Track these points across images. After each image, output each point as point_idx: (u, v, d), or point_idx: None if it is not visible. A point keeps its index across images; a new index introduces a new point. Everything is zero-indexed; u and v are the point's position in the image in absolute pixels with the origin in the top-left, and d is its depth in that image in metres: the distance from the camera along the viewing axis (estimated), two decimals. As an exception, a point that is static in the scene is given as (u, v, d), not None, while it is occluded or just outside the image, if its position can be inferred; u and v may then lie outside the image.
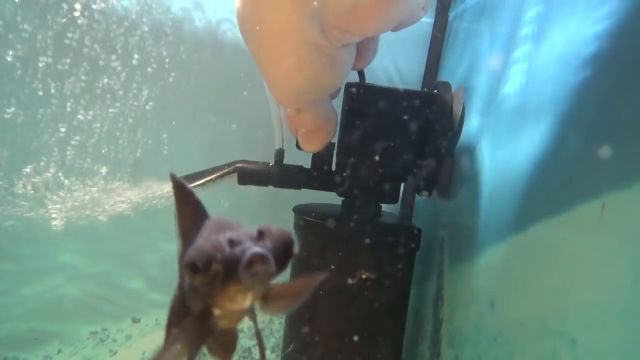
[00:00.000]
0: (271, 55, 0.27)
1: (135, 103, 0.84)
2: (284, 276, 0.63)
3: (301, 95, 0.31)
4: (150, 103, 0.84)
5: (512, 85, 0.41)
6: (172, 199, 0.26)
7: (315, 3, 0.23)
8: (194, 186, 0.52)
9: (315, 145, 0.46)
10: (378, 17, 0.24)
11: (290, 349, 0.58)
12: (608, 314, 0.22)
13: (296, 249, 0.22)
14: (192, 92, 0.85)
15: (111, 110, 0.83)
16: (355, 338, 0.54)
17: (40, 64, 0.75)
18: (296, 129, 0.45)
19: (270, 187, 0.56)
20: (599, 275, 0.23)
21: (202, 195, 0.25)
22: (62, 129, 0.82)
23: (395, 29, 0.34)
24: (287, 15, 0.23)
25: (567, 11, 0.33)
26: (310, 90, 0.30)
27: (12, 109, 0.80)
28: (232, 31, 0.82)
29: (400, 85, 0.85)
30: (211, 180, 0.53)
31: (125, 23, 0.80)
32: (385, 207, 0.58)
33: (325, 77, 0.28)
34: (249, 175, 0.54)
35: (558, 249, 0.27)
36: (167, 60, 0.83)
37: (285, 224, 0.61)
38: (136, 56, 0.82)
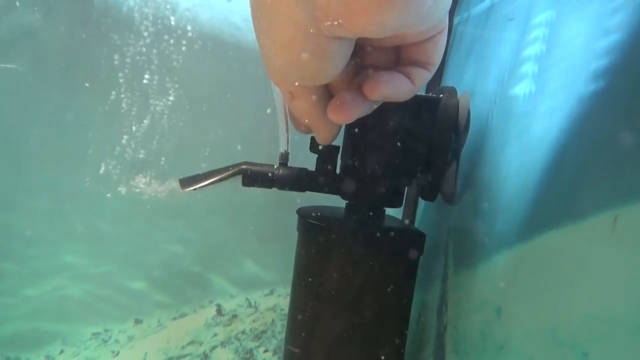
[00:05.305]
0: (263, 28, 0.27)
1: (135, 106, 0.84)
2: (288, 276, 0.63)
3: (290, 75, 0.31)
4: (154, 103, 0.84)
5: (519, 90, 0.40)
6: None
7: None
8: (199, 187, 0.52)
9: (320, 140, 0.44)
10: (370, 16, 0.24)
11: (292, 353, 0.58)
12: (621, 329, 0.22)
13: None
14: (196, 94, 0.85)
15: (111, 108, 0.83)
16: (357, 343, 0.54)
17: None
18: (298, 123, 0.43)
19: (274, 189, 0.56)
20: (611, 289, 0.23)
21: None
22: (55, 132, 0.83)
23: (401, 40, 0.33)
24: None
25: (577, 18, 0.33)
26: (298, 74, 0.30)
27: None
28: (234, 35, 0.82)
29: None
30: (216, 181, 0.52)
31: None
32: (388, 210, 0.58)
33: (311, 64, 0.28)
34: (253, 177, 0.54)
35: (569, 259, 0.27)
36: (174, 62, 0.83)
37: (288, 226, 0.60)
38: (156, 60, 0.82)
